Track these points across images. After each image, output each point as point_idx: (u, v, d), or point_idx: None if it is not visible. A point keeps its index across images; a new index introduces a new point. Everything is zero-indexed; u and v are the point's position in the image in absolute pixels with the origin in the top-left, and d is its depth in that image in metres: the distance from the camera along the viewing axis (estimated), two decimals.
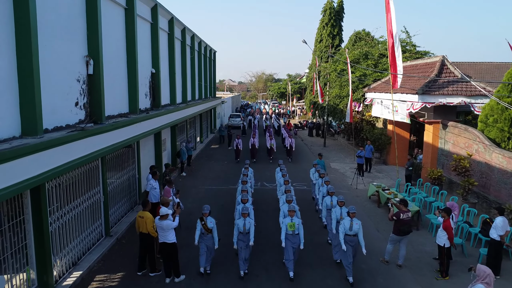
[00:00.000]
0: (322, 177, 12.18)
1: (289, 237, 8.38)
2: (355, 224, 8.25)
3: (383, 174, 18.92)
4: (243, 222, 8.57)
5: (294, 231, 8.34)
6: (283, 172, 12.69)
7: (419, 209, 11.48)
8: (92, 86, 9.39)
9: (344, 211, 8.98)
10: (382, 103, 19.56)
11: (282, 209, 9.56)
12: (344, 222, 8.37)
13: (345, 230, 8.30)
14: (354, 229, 8.23)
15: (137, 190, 12.81)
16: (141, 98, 13.38)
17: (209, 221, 8.46)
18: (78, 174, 8.67)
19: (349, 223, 8.28)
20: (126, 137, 9.95)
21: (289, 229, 8.32)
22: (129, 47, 12.00)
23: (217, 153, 24.06)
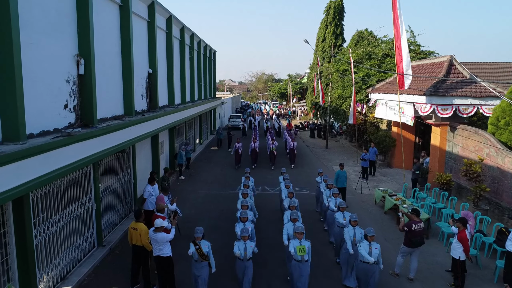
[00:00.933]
0: (330, 188, 11.14)
1: (297, 265, 7.05)
2: (374, 248, 7.09)
3: (388, 177, 18.35)
4: (243, 246, 7.16)
5: (304, 256, 7.00)
6: (287, 183, 11.62)
7: (429, 217, 10.90)
8: (83, 87, 8.82)
9: (358, 231, 7.94)
10: (387, 104, 18.98)
11: (286, 228, 8.03)
12: (361, 248, 7.16)
13: (362, 257, 7.09)
14: (374, 255, 7.04)
15: (132, 196, 12.24)
16: (137, 99, 12.82)
17: (203, 245, 7.02)
18: (67, 182, 8.10)
19: (368, 248, 7.12)
20: (120, 142, 9.37)
21: (298, 254, 6.98)
22: (124, 46, 11.43)
23: (216, 156, 23.49)
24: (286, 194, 10.66)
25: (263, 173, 18.52)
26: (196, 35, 23.20)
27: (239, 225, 8.20)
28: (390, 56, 23.31)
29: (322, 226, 11.69)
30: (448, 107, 14.43)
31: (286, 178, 12.21)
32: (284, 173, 13.04)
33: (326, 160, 22.78)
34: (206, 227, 11.49)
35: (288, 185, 11.43)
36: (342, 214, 9.02)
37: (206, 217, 12.44)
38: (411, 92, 15.56)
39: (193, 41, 22.47)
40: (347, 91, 24.78)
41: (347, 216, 8.81)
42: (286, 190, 11.09)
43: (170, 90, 17.20)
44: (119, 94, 11.34)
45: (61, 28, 8.02)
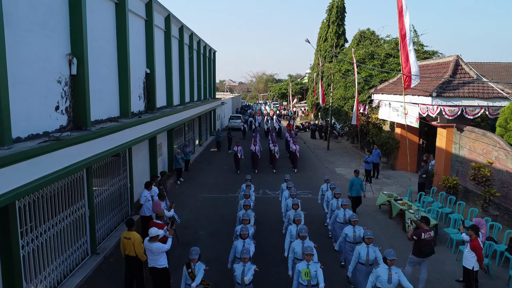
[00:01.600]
0: (338, 197, 10.26)
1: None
2: (394, 273, 6.19)
3: (392, 180, 17.91)
4: (241, 269, 6.41)
5: (311, 281, 6.24)
6: (292, 192, 10.42)
7: (437, 223, 10.47)
8: (76, 88, 8.40)
9: (372, 250, 7.01)
10: (390, 105, 18.56)
11: (294, 247, 7.09)
12: (379, 273, 6.24)
13: (382, 284, 6.23)
14: (394, 282, 6.18)
15: (129, 200, 11.82)
16: (134, 100, 12.40)
17: (197, 269, 6.31)
18: (58, 187, 7.68)
19: (387, 273, 6.20)
20: (114, 145, 8.95)
21: (303, 278, 6.28)
22: (120, 45, 11.02)
23: (216, 157, 23.06)
24: (291, 205, 9.72)
25: (263, 176, 18.10)
26: (195, 35, 22.79)
27: (239, 243, 7.16)
28: (393, 56, 22.88)
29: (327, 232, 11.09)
30: (454, 109, 14.00)
31: (290, 186, 11.30)
32: (288, 180, 12.13)
33: (328, 162, 22.35)
34: (205, 233, 11.12)
35: (294, 194, 10.29)
36: (353, 228, 8.03)
37: (205, 222, 12.03)
38: (416, 93, 15.13)
39: (192, 40, 22.06)
40: (349, 92, 24.35)
41: (357, 232, 7.99)
42: (290, 200, 10.12)
43: (168, 90, 16.79)
44: (114, 95, 10.92)
45: (52, 25, 7.60)
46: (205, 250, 9.96)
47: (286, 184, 11.84)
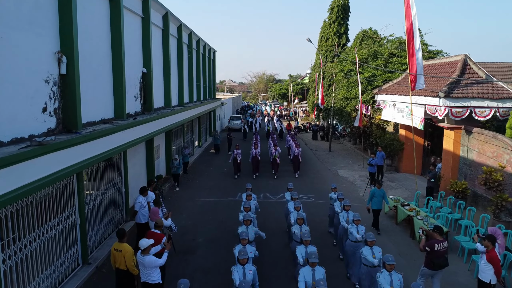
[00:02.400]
0: (347, 209, 9.20)
1: None
2: (396, 280, 6.09)
3: (397, 183, 17.39)
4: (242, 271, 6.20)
5: None
6: (297, 204, 9.41)
7: (447, 231, 9.95)
8: (66, 88, 7.91)
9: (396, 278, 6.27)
10: (395, 106, 18.04)
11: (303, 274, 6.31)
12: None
13: None
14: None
15: (123, 206, 11.30)
16: (129, 101, 11.91)
17: None
18: (45, 195, 7.17)
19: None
20: (107, 149, 8.44)
21: None
22: (114, 43, 10.51)
23: (216, 159, 22.54)
24: (295, 219, 8.73)
25: (264, 180, 17.52)
26: (195, 34, 22.28)
27: (237, 271, 6.27)
28: (397, 56, 22.36)
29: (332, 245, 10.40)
30: (462, 110, 13.49)
31: (295, 197, 10.06)
32: (291, 189, 11.05)
33: (330, 164, 21.83)
34: (203, 240, 10.60)
35: (298, 206, 9.32)
36: (371, 249, 7.02)
37: (203, 228, 11.51)
38: (423, 93, 14.62)
39: (191, 39, 21.56)
40: (351, 92, 23.83)
41: (376, 252, 7.01)
42: (295, 213, 9.04)
43: (166, 91, 16.29)
44: (108, 96, 10.42)
45: (39, 21, 7.11)
46: (204, 259, 9.47)
47: (290, 194, 10.69)
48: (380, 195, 11.23)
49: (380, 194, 11.23)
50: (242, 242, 7.09)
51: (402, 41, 23.36)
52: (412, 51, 12.91)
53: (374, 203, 11.22)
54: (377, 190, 11.26)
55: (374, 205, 11.22)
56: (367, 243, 7.04)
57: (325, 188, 16.19)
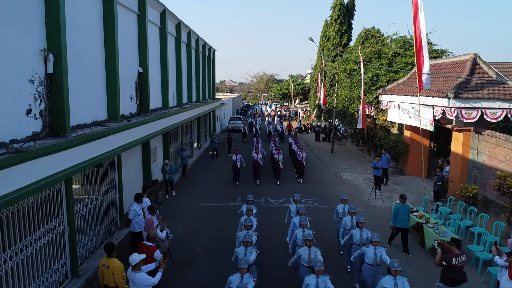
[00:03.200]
0: (362, 227, 8.01)
1: None
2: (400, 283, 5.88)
3: (402, 186, 16.81)
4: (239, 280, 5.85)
5: None
6: (303, 221, 8.08)
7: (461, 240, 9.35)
8: (53, 88, 7.34)
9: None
10: (400, 106, 17.48)
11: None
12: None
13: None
14: None
15: (118, 212, 10.74)
16: (124, 102, 11.34)
17: None
18: (29, 204, 6.62)
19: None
20: (97, 153, 7.87)
21: None
22: (108, 41, 9.94)
23: (216, 161, 21.93)
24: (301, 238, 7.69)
25: (265, 184, 16.87)
26: (194, 32, 21.70)
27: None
28: (401, 55, 21.79)
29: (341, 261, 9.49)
30: (473, 111, 12.92)
31: (301, 212, 8.68)
32: (298, 201, 9.71)
33: (333, 166, 21.26)
34: (201, 250, 10.03)
35: (305, 224, 7.99)
36: (394, 280, 6.05)
37: (202, 236, 10.94)
38: (431, 94, 14.05)
39: (190, 38, 20.98)
40: (354, 93, 23.25)
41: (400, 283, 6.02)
42: (301, 232, 7.89)
43: (164, 91, 15.71)
44: (101, 96, 9.84)
45: (23, 16, 6.54)
46: (201, 270, 8.90)
47: (295, 206, 9.40)
48: (406, 211, 9.79)
49: (405, 211, 9.79)
50: (240, 272, 5.95)
51: (406, 40, 22.81)
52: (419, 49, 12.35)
53: (400, 221, 9.75)
54: (401, 206, 9.80)
55: (400, 223, 9.75)
56: (391, 272, 6.11)
57: (328, 192, 15.64)
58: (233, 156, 16.72)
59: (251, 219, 8.29)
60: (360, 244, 7.77)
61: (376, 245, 7.15)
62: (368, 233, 7.91)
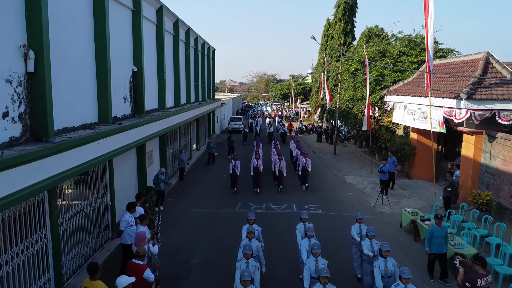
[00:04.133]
0: (386, 256, 6.75)
1: None
2: None
3: (409, 191, 16.12)
4: None
5: None
6: (316, 249, 6.81)
7: (478, 253, 8.68)
8: (34, 89, 6.66)
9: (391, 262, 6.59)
10: (406, 107, 16.79)
11: None
12: None
13: None
14: None
15: (109, 221, 10.05)
16: (117, 103, 10.68)
17: None
18: (6, 218, 5.94)
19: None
20: (83, 160, 7.18)
21: None
22: (98, 37, 9.26)
23: (215, 164, 21.15)
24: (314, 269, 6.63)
25: (267, 189, 16.09)
26: (193, 31, 21.02)
27: None
28: (407, 54, 21.09)
29: None
30: (486, 113, 12.23)
31: (311, 234, 7.51)
32: (305, 219, 8.43)
33: (336, 169, 20.57)
34: (198, 262, 9.33)
35: (318, 252, 6.78)
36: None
37: (199, 246, 10.24)
38: (440, 95, 13.36)
39: (189, 37, 20.30)
40: (358, 93, 22.55)
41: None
42: (313, 262, 6.73)
43: (161, 91, 15.03)
44: (91, 97, 9.16)
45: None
46: (198, 286, 8.21)
47: (304, 226, 8.26)
48: (442, 235, 8.35)
49: (441, 234, 8.35)
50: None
51: (411, 39, 22.12)
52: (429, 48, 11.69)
53: (436, 246, 8.34)
54: (436, 228, 8.36)
55: (435, 247, 8.35)
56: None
57: (333, 198, 14.96)
58: (231, 161, 15.49)
59: (251, 246, 7.03)
60: (385, 276, 6.69)
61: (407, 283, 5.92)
62: (395, 264, 6.79)
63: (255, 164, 15.38)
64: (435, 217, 8.57)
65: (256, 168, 15.37)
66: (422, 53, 20.82)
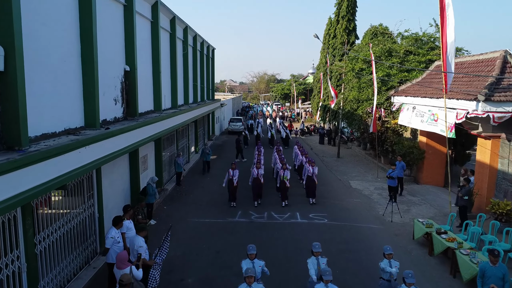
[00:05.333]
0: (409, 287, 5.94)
1: None
2: None
3: (419, 197, 15.25)
4: None
5: None
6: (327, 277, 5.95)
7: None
8: (4, 90, 5.81)
9: None
10: (415, 109, 15.93)
11: None
12: None
13: None
14: None
15: (97, 235, 9.19)
16: (106, 105, 9.83)
17: None
18: None
19: None
20: (61, 172, 6.31)
21: None
22: (84, 33, 8.40)
23: (214, 167, 20.11)
24: None
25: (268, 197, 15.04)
26: (191, 29, 20.16)
27: None
28: (414, 54, 20.22)
29: None
30: (505, 116, 11.37)
31: (327, 277, 5.94)
32: (318, 253, 6.98)
33: (341, 173, 19.71)
34: (194, 281, 8.44)
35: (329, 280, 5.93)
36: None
37: (195, 261, 9.37)
38: (454, 96, 12.50)
39: (187, 35, 19.43)
40: (363, 94, 21.68)
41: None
42: None
43: (156, 92, 14.17)
44: (76, 99, 8.30)
45: None
46: None
47: (316, 262, 6.92)
48: (497, 275, 6.67)
49: (496, 274, 6.68)
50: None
51: (418, 38, 21.26)
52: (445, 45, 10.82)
53: (489, 284, 6.74)
54: (490, 267, 6.81)
55: None
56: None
57: (338, 205, 14.08)
58: (228, 171, 13.61)
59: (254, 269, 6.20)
60: None
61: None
62: None
63: (255, 174, 13.63)
64: (490, 253, 6.87)
65: (256, 178, 13.59)
66: (430, 52, 19.98)
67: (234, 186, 13.40)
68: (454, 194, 12.91)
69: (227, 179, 13.55)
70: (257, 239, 10.60)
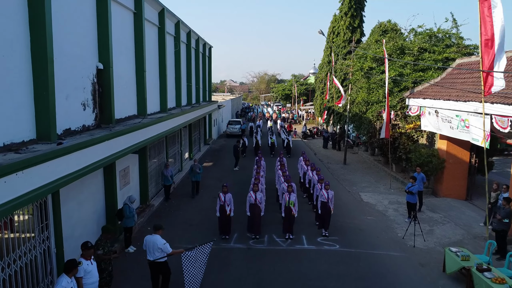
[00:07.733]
0: None
1: None
2: None
3: (441, 214, 13.36)
4: None
5: None
6: None
7: None
8: None
9: None
10: (438, 114, 14.06)
11: None
12: None
13: None
14: None
15: (54, 274, 7.29)
16: (70, 111, 8.01)
17: None
18: None
19: None
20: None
21: None
22: (34, 22, 6.58)
23: (209, 176, 18.19)
24: None
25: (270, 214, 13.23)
26: (184, 24, 18.32)
27: None
28: (429, 51, 18.35)
29: None
30: None
31: None
32: None
33: (349, 182, 17.84)
34: None
35: None
36: None
37: None
38: (489, 100, 10.63)
39: (179, 30, 17.58)
40: (373, 95, 19.80)
41: None
42: None
43: (140, 94, 12.35)
44: (22, 106, 6.48)
45: None
46: None
47: None
48: None
49: None
50: None
51: (433, 34, 19.38)
52: (488, 42, 8.95)
53: None
54: None
55: None
56: None
57: (350, 225, 12.18)
58: (220, 196, 10.74)
59: None
60: None
61: None
62: None
63: (253, 200, 10.55)
64: None
65: (253, 205, 10.49)
66: (447, 50, 18.16)
67: (227, 216, 10.57)
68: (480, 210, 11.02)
69: (219, 206, 10.69)
70: (256, 273, 8.77)
